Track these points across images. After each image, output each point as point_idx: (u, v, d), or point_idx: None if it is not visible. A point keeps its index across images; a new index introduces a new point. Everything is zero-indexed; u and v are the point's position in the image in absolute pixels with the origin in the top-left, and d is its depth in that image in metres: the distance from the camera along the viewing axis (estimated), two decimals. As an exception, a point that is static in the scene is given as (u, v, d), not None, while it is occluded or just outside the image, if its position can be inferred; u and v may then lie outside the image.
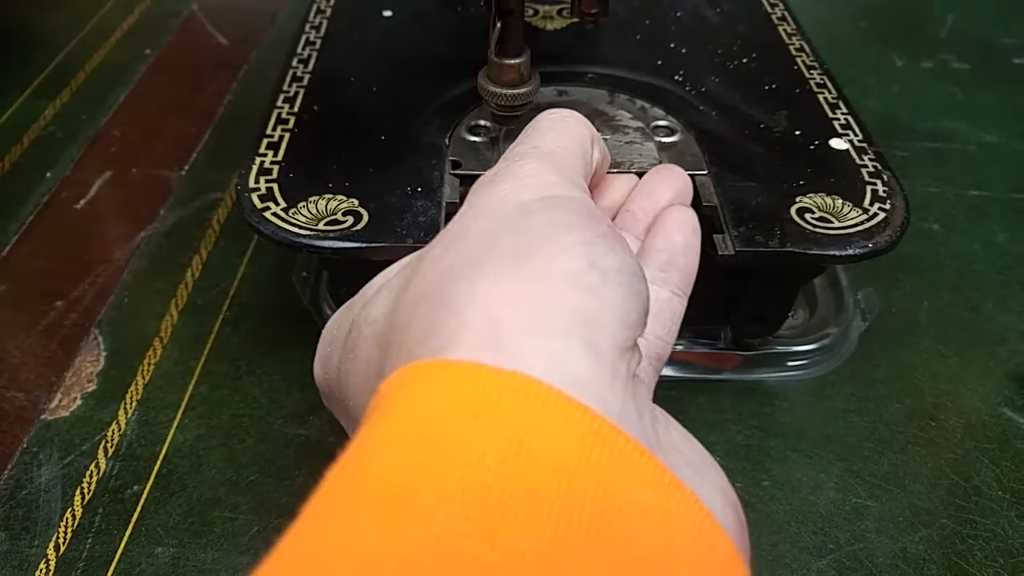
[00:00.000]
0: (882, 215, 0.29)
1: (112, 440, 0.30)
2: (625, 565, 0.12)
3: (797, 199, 0.29)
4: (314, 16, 0.40)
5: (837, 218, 0.29)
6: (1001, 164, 0.46)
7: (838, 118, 0.34)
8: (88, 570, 0.26)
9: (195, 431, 0.31)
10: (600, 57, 0.38)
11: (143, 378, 0.33)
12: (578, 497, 0.12)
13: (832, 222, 0.29)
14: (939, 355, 0.35)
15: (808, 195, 0.30)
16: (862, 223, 0.29)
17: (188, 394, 0.32)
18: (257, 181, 0.29)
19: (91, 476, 0.29)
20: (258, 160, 0.30)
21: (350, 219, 0.28)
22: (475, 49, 0.32)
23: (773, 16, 0.42)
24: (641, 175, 0.30)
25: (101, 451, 0.30)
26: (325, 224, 0.27)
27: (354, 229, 0.27)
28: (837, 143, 0.32)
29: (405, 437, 0.13)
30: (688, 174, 0.30)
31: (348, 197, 0.29)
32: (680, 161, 0.23)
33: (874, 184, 0.30)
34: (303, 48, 0.37)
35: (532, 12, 0.41)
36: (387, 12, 0.41)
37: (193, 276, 0.37)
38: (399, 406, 0.13)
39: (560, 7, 0.41)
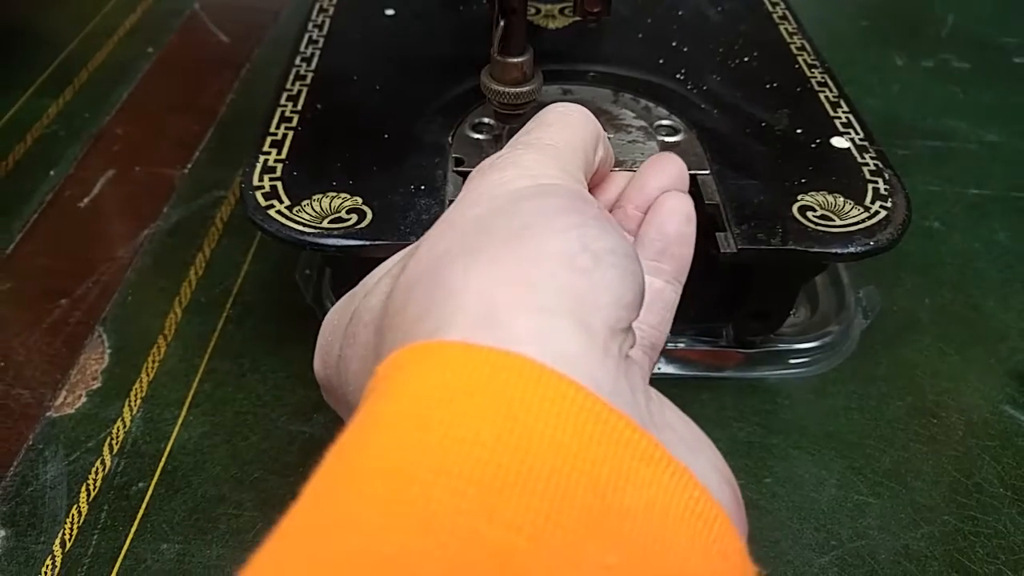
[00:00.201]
0: (883, 213, 0.29)
1: (117, 437, 0.30)
2: (620, 539, 0.12)
3: (799, 197, 0.30)
4: (317, 15, 0.40)
5: (839, 216, 0.29)
6: (1001, 163, 0.46)
7: (839, 117, 0.34)
8: (94, 566, 0.27)
9: (199, 428, 0.31)
10: (602, 55, 0.38)
11: (147, 375, 0.33)
12: (572, 473, 0.12)
13: (834, 220, 0.29)
14: (940, 353, 0.35)
15: (810, 193, 0.30)
16: (863, 221, 0.29)
17: (192, 391, 0.32)
18: (261, 179, 0.29)
19: (96, 473, 0.29)
20: (262, 158, 0.30)
21: (354, 217, 0.28)
22: (478, 47, 0.32)
23: (774, 15, 0.42)
24: None
25: (106, 448, 0.30)
26: (329, 222, 0.28)
27: (358, 227, 0.27)
28: (838, 141, 0.33)
29: (402, 416, 0.13)
30: (690, 173, 0.30)
31: (352, 195, 0.29)
32: (683, 160, 0.22)
33: (875, 182, 0.30)
34: (306, 46, 0.38)
35: (534, 11, 0.41)
36: (390, 11, 0.41)
37: (197, 274, 0.37)
38: (396, 387, 0.13)
39: (562, 6, 0.42)
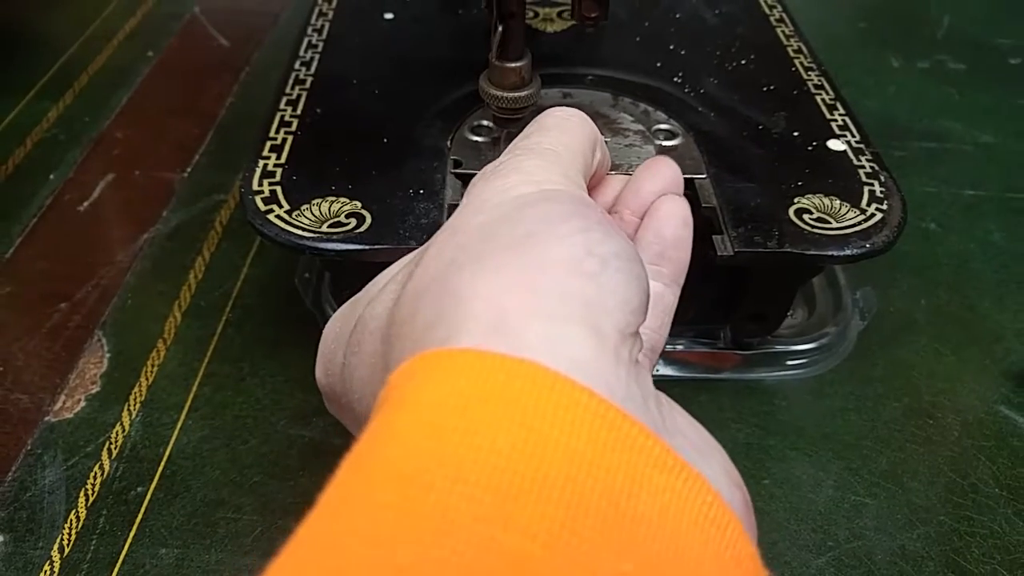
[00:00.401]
0: (879, 215, 0.29)
1: (116, 442, 0.31)
2: (635, 546, 0.12)
3: (795, 200, 0.30)
4: (316, 19, 0.40)
5: (835, 219, 0.29)
6: (997, 164, 0.46)
7: (836, 119, 0.34)
8: (92, 572, 0.27)
9: (198, 432, 0.31)
10: (600, 59, 0.38)
11: (147, 380, 0.33)
12: (587, 480, 0.12)
13: (830, 223, 0.29)
14: (936, 353, 0.35)
15: (806, 196, 0.30)
16: (859, 223, 0.29)
17: (191, 396, 0.32)
18: (260, 184, 0.29)
19: (95, 478, 0.29)
20: (261, 163, 0.30)
21: (353, 221, 0.28)
22: (476, 51, 0.32)
23: (771, 18, 0.42)
24: None
25: (105, 453, 0.30)
26: (328, 226, 0.28)
27: (357, 231, 0.27)
28: (835, 144, 0.33)
29: (416, 425, 0.13)
30: (688, 177, 0.31)
31: (351, 199, 0.29)
32: (680, 165, 0.23)
33: (871, 185, 0.31)
34: (305, 51, 0.38)
35: (532, 15, 0.41)
36: (388, 15, 0.41)
37: (196, 278, 0.38)
38: (409, 396, 0.13)
39: (560, 9, 0.42)
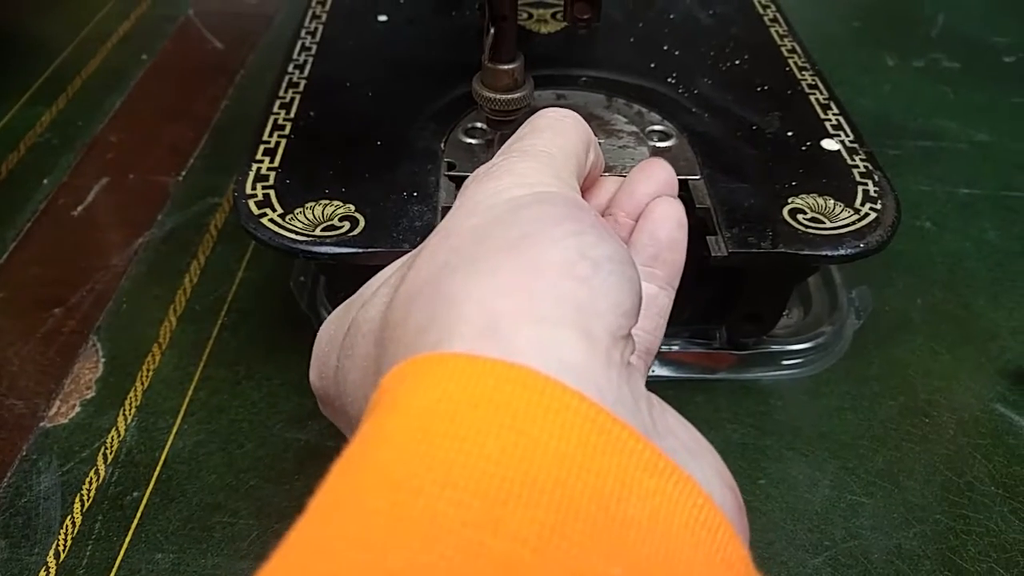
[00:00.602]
0: (873, 215, 0.29)
1: (111, 447, 0.31)
2: (625, 550, 0.12)
3: (789, 200, 0.30)
4: (310, 22, 0.40)
5: (829, 218, 0.29)
6: (992, 162, 0.46)
7: (829, 119, 0.34)
8: (89, 576, 0.27)
9: (194, 437, 0.31)
10: (594, 60, 0.38)
11: (142, 384, 0.33)
12: (577, 484, 0.12)
13: (824, 222, 0.29)
14: (932, 352, 0.35)
15: (800, 196, 0.30)
16: (853, 223, 0.29)
17: (187, 400, 0.32)
18: (254, 187, 0.29)
19: (90, 483, 0.29)
20: (255, 166, 0.30)
21: (346, 224, 0.28)
22: (470, 53, 0.32)
23: (765, 17, 0.42)
24: None
25: (100, 458, 0.30)
26: (322, 230, 0.28)
27: (350, 234, 0.27)
28: (828, 144, 0.33)
29: (406, 430, 0.13)
30: (682, 179, 0.31)
31: (344, 202, 0.29)
32: (674, 166, 0.23)
33: (865, 184, 0.31)
34: (299, 54, 0.38)
35: (526, 16, 0.41)
36: (382, 17, 0.41)
37: (191, 282, 0.37)
38: (400, 400, 0.14)
39: (554, 10, 0.42)
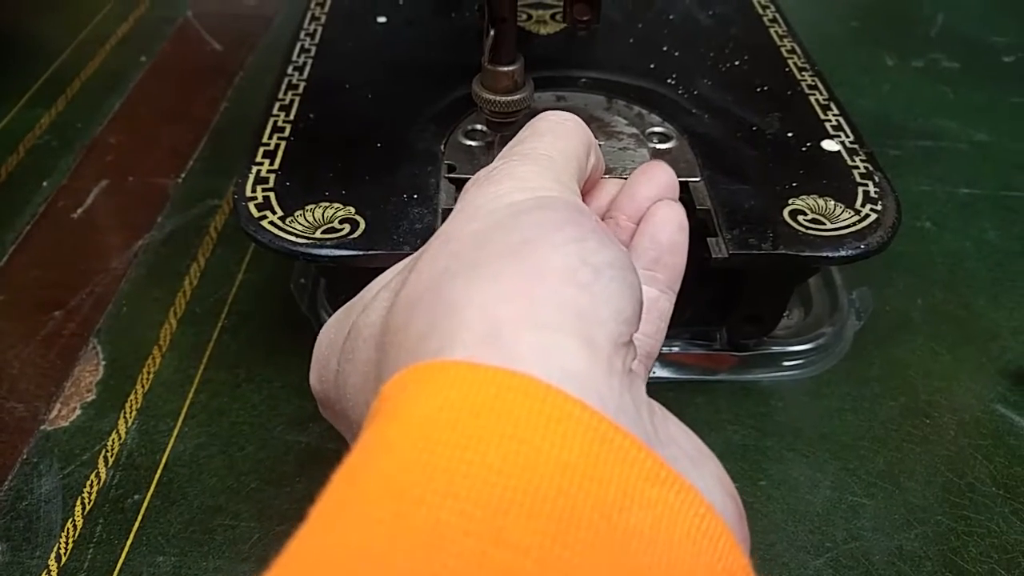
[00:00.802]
0: (874, 216, 0.29)
1: (112, 449, 0.30)
2: (627, 559, 0.12)
3: (790, 201, 0.30)
4: (309, 23, 0.40)
5: (829, 220, 0.29)
6: (992, 162, 0.46)
7: (829, 119, 0.34)
8: (90, 579, 0.27)
9: (195, 439, 0.31)
10: (594, 61, 0.38)
11: (142, 387, 0.33)
12: (579, 494, 0.12)
13: (824, 224, 0.29)
14: (932, 353, 0.35)
15: (800, 197, 0.30)
16: (854, 224, 0.29)
17: (188, 402, 0.32)
18: (254, 190, 0.29)
19: (91, 486, 0.29)
20: (254, 169, 0.30)
21: (347, 227, 0.28)
22: (469, 54, 0.32)
23: (764, 18, 0.42)
24: None
25: (101, 461, 0.30)
26: (322, 232, 0.28)
27: (351, 237, 0.27)
28: (829, 144, 0.33)
29: (408, 439, 0.13)
30: (682, 180, 0.31)
31: (345, 205, 0.29)
32: (674, 168, 0.23)
33: (865, 185, 0.31)
34: (298, 55, 0.38)
35: (525, 17, 0.41)
36: (381, 18, 0.41)
37: (191, 284, 0.37)
38: (401, 408, 0.13)
39: (553, 11, 0.42)
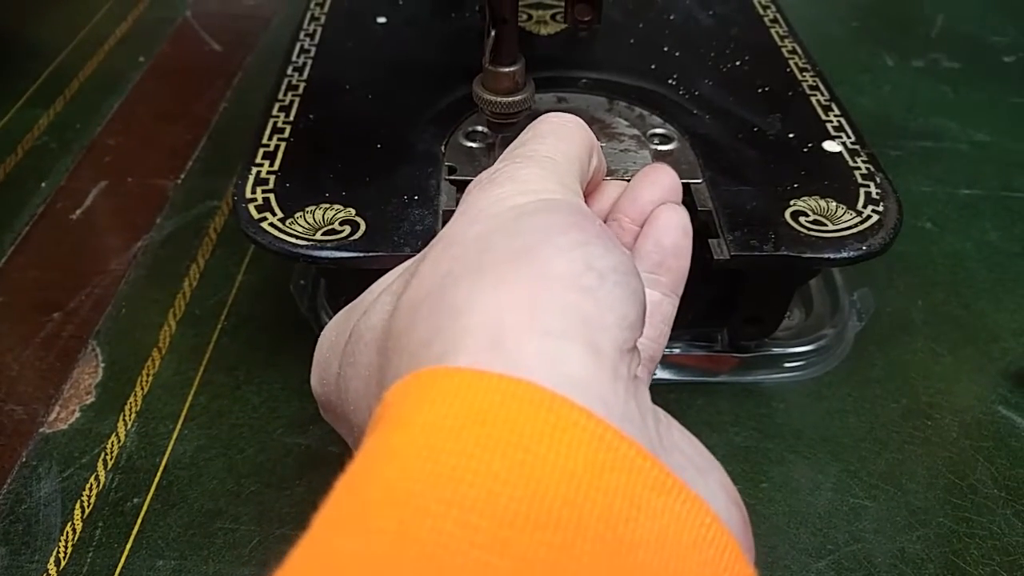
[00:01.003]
0: (875, 217, 0.29)
1: (111, 452, 0.30)
2: (633, 570, 0.12)
3: (791, 202, 0.30)
4: (308, 23, 0.40)
5: (831, 221, 0.29)
6: (992, 162, 0.46)
7: (831, 120, 0.34)
8: (90, 583, 0.26)
9: (195, 442, 0.31)
10: (594, 62, 0.38)
11: (142, 389, 0.33)
12: (585, 503, 0.12)
13: (826, 225, 0.29)
14: (934, 354, 0.35)
15: (802, 198, 0.30)
16: (856, 226, 0.29)
17: (187, 405, 0.32)
18: (254, 191, 0.29)
19: (91, 489, 0.29)
20: (254, 170, 0.30)
21: (347, 229, 0.28)
22: (470, 55, 0.32)
23: (765, 18, 0.42)
24: None
25: (100, 464, 0.30)
26: (322, 234, 0.27)
27: (351, 239, 0.27)
28: (830, 145, 0.33)
29: (412, 447, 0.13)
30: (683, 182, 0.30)
31: (345, 206, 0.29)
32: (676, 169, 0.23)
33: (867, 186, 0.31)
34: (298, 56, 0.37)
35: (526, 17, 0.41)
36: (381, 18, 0.41)
37: (191, 285, 0.37)
38: (405, 415, 0.13)
39: (554, 11, 0.42)
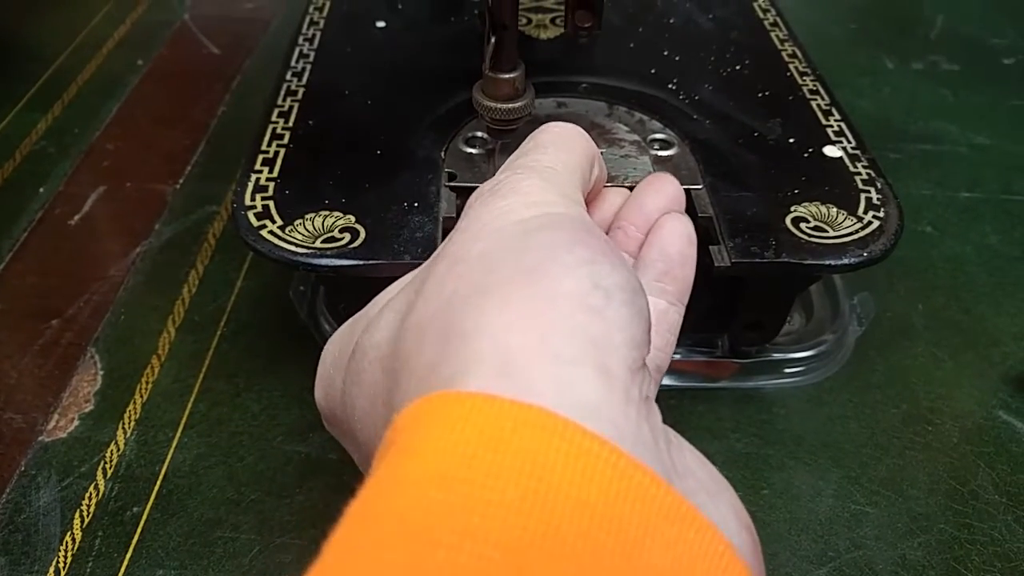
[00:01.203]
0: (876, 223, 0.29)
1: (111, 461, 0.30)
2: None
3: (792, 208, 0.30)
4: (307, 28, 0.40)
5: (832, 227, 0.29)
6: (992, 165, 0.46)
7: (831, 125, 0.34)
8: (90, 592, 0.26)
9: (195, 450, 0.31)
10: (594, 66, 0.38)
11: (141, 397, 0.33)
12: (599, 533, 0.12)
13: (827, 231, 0.29)
14: (934, 359, 0.35)
15: (803, 204, 0.30)
16: (857, 232, 0.29)
17: (187, 412, 0.32)
18: (253, 199, 0.29)
19: (90, 498, 0.29)
20: (253, 177, 0.30)
21: (347, 236, 0.28)
22: (469, 59, 0.32)
23: (765, 22, 0.42)
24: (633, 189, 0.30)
25: (100, 472, 0.30)
26: (322, 242, 0.27)
27: (351, 247, 0.27)
28: (831, 151, 0.33)
29: (424, 475, 0.13)
30: (684, 188, 0.30)
31: (345, 213, 0.29)
32: (676, 175, 0.23)
33: (868, 192, 0.31)
34: (296, 61, 0.37)
35: (525, 21, 0.41)
36: (380, 23, 0.41)
37: (190, 292, 0.37)
38: (416, 443, 0.13)
39: (553, 16, 0.41)
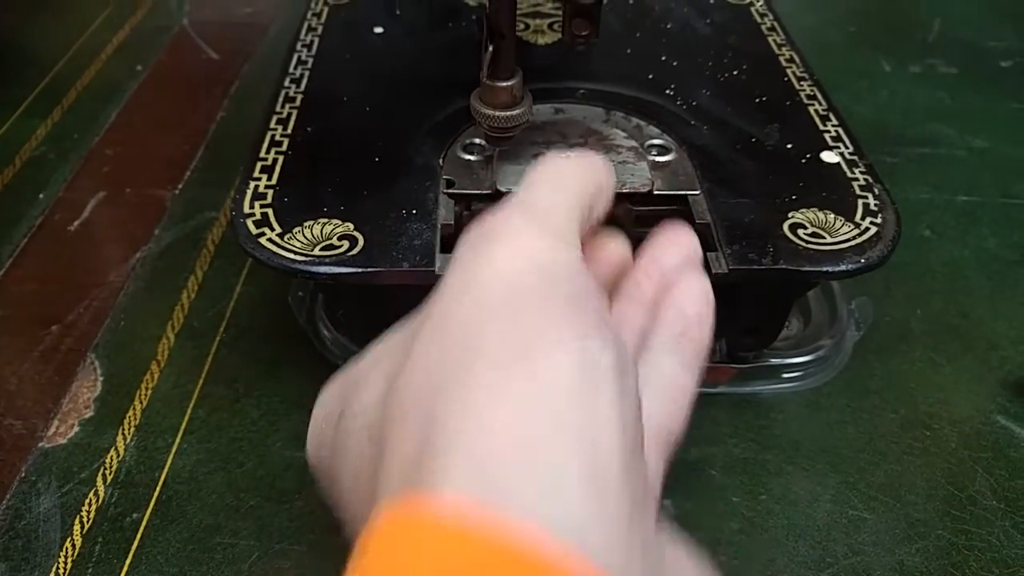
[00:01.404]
0: (874, 229, 0.29)
1: (111, 467, 0.30)
2: None
3: (789, 215, 0.30)
4: (305, 34, 0.40)
5: (829, 233, 0.29)
6: (990, 169, 0.46)
7: (829, 130, 0.34)
8: (90, 599, 0.26)
9: (194, 456, 0.31)
10: (592, 72, 0.38)
11: (141, 403, 0.33)
12: None
13: (824, 237, 0.29)
14: (932, 363, 0.35)
15: (800, 210, 0.30)
16: (854, 238, 0.29)
17: (187, 418, 0.32)
18: (252, 206, 0.29)
19: (90, 504, 0.29)
20: (252, 184, 0.30)
21: (345, 244, 0.28)
22: (467, 66, 0.32)
23: (762, 27, 0.42)
24: (632, 197, 0.30)
25: (100, 478, 0.30)
26: (320, 249, 0.27)
27: (349, 254, 0.27)
28: (828, 156, 0.33)
29: None
30: (681, 193, 0.30)
31: (343, 221, 0.29)
32: (673, 181, 0.23)
33: (865, 198, 0.31)
34: (295, 67, 0.37)
35: (523, 27, 0.41)
36: (378, 29, 0.41)
37: (189, 297, 0.37)
38: (382, 570, 0.13)
39: (551, 21, 0.42)
